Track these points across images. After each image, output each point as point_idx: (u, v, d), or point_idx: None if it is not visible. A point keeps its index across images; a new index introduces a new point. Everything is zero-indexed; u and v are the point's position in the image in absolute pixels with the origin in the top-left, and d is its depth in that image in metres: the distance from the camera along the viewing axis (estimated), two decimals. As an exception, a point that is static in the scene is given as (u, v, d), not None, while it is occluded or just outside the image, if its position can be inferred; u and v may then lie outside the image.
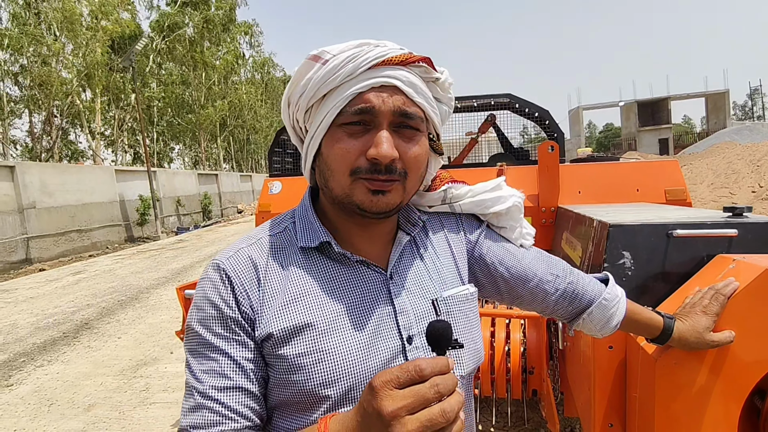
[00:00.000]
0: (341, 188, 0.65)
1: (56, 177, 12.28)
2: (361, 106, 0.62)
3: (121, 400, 3.45)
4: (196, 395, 0.61)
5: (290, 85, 0.68)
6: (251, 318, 0.64)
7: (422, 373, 0.47)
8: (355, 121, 0.63)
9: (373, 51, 0.63)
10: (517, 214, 0.85)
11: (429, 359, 0.48)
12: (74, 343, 4.83)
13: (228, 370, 0.62)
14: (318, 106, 0.66)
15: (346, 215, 0.70)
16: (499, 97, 2.85)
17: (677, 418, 0.94)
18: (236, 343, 0.63)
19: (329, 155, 0.65)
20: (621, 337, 1.12)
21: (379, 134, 0.62)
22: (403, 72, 0.64)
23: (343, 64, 0.63)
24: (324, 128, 0.65)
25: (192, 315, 0.66)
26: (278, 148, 2.98)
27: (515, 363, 1.99)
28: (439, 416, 0.46)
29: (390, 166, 0.63)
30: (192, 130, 29.82)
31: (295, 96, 0.68)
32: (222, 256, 0.68)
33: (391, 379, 0.47)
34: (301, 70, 0.66)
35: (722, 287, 0.92)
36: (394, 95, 0.64)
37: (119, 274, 8.82)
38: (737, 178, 12.32)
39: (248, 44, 35.28)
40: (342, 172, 0.64)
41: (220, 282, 0.65)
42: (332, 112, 0.64)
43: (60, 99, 20.04)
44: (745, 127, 30.85)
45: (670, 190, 2.18)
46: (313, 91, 0.65)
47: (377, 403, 0.47)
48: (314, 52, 0.65)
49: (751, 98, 57.89)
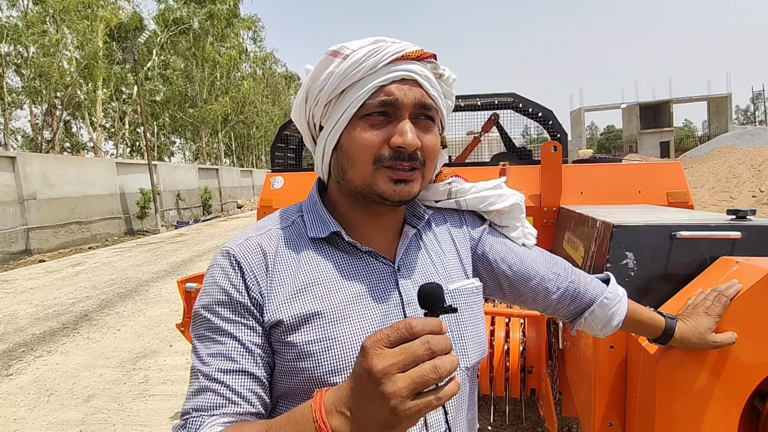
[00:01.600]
0: (362, 178, 0.67)
1: (57, 168, 12.28)
2: (384, 98, 0.64)
3: (120, 392, 3.46)
4: (201, 378, 0.62)
5: (309, 80, 0.69)
6: (260, 304, 0.65)
7: (412, 331, 0.46)
8: (378, 112, 0.65)
9: (392, 47, 0.65)
10: (518, 213, 0.87)
11: (420, 318, 0.48)
12: (74, 335, 4.84)
13: (235, 353, 0.63)
14: (338, 100, 0.67)
15: (359, 206, 0.72)
16: (503, 96, 2.84)
17: (677, 418, 0.95)
18: (245, 327, 0.64)
19: (351, 146, 0.66)
20: (622, 337, 1.13)
21: (402, 124, 0.65)
22: (419, 66, 0.67)
23: (364, 58, 0.64)
24: (345, 121, 0.66)
25: (201, 300, 0.67)
26: (281, 144, 2.97)
27: (514, 362, 2.00)
28: (430, 372, 0.45)
29: (413, 155, 0.66)
30: (193, 125, 29.77)
31: (314, 90, 0.68)
32: (232, 243, 0.69)
33: (381, 338, 0.47)
34: (321, 66, 0.67)
35: (725, 289, 0.92)
36: (414, 88, 0.66)
37: (119, 266, 8.83)
38: (738, 183, 12.32)
39: (251, 39, 35.26)
40: (365, 162, 0.66)
41: (230, 268, 0.66)
42: (354, 105, 0.65)
43: (61, 90, 20.00)
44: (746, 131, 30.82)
45: (672, 193, 2.18)
46: (334, 85, 0.65)
47: (368, 362, 0.46)
48: (333, 48, 0.66)
49: (754, 102, 57.83)
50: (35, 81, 19.66)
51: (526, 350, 2.02)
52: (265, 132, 38.36)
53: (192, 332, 0.67)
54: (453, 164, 3.06)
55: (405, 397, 0.45)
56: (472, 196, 0.84)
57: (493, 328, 2.07)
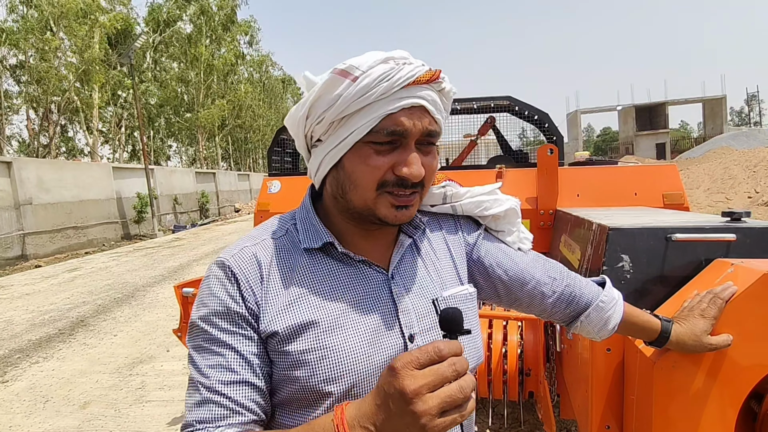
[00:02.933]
0: (364, 201, 0.67)
1: (53, 173, 12.23)
2: (394, 128, 0.63)
3: (117, 398, 3.44)
4: (203, 390, 0.62)
5: (313, 98, 0.65)
6: (256, 314, 0.65)
7: (441, 354, 0.50)
8: (386, 141, 0.64)
9: (404, 70, 0.63)
10: (514, 218, 0.87)
11: (445, 341, 0.51)
12: (70, 340, 4.81)
13: (235, 364, 0.63)
14: (344, 122, 0.65)
15: (353, 221, 0.72)
16: (499, 100, 2.85)
17: (674, 420, 0.95)
18: (243, 337, 0.64)
19: (355, 170, 0.66)
20: (619, 339, 1.13)
21: (411, 155, 0.65)
22: (428, 92, 0.66)
23: (375, 83, 0.62)
24: (349, 144, 0.65)
25: (198, 311, 0.67)
26: (278, 148, 2.98)
27: (512, 365, 2.00)
28: (458, 392, 0.49)
29: (416, 183, 0.66)
30: (190, 129, 29.72)
31: (318, 109, 0.65)
32: (226, 254, 0.69)
33: (411, 360, 0.50)
34: (329, 85, 0.64)
35: (720, 291, 0.93)
36: (422, 117, 0.65)
37: (115, 271, 8.79)
38: (733, 184, 12.39)
39: (248, 44, 35.26)
40: (368, 187, 0.66)
41: (226, 278, 0.66)
42: (361, 131, 0.64)
43: (58, 95, 19.96)
44: (741, 133, 31.02)
45: (668, 195, 2.19)
46: (342, 108, 0.63)
47: (399, 383, 0.49)
48: (342, 67, 0.63)
49: (748, 104, 58.19)
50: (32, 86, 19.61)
51: (523, 353, 2.02)
52: (263, 135, 38.33)
53: (189, 343, 0.67)
54: (450, 167, 3.06)
55: (434, 415, 0.48)
56: (468, 201, 0.85)
57: (491, 331, 2.07)
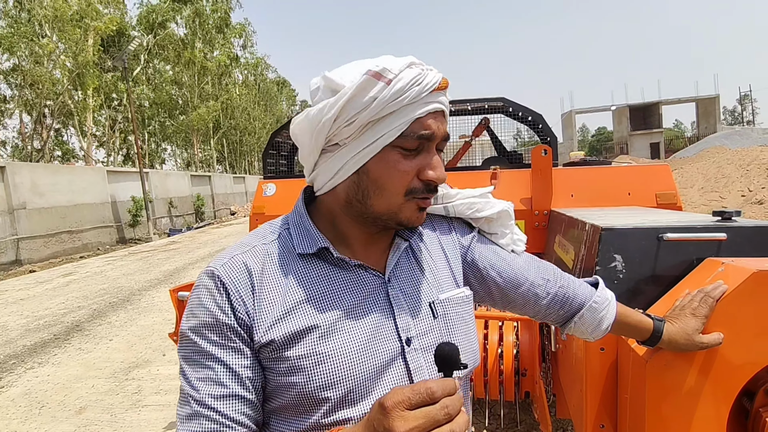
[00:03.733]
0: (389, 206, 0.68)
1: (47, 177, 12.17)
2: (423, 132, 0.65)
3: (113, 403, 3.43)
4: (193, 403, 0.61)
5: (345, 100, 0.63)
6: (248, 324, 0.64)
7: (433, 396, 0.49)
8: (414, 145, 0.66)
9: (429, 75, 0.65)
10: (507, 220, 0.88)
11: (438, 381, 0.50)
12: (65, 345, 4.79)
13: (224, 378, 0.62)
14: (373, 125, 0.64)
15: (360, 224, 0.72)
16: (493, 101, 2.86)
17: (667, 418, 0.96)
18: (232, 350, 0.63)
19: (382, 175, 0.66)
20: (612, 339, 1.14)
21: (435, 158, 0.68)
22: (444, 98, 0.68)
23: (408, 86, 0.63)
24: (378, 148, 0.65)
25: (186, 322, 0.66)
26: (273, 150, 2.97)
27: (508, 365, 2.01)
28: None
29: (437, 186, 0.69)
30: (184, 131, 29.61)
31: (351, 111, 0.63)
32: (216, 263, 0.67)
33: (402, 400, 0.49)
34: (363, 87, 0.62)
35: (711, 290, 0.94)
36: (443, 121, 0.68)
37: (110, 275, 8.75)
38: (727, 183, 12.47)
39: (241, 47, 35.22)
40: (397, 192, 0.67)
41: (215, 289, 0.65)
42: (392, 134, 0.64)
43: (51, 99, 19.86)
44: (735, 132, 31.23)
45: (661, 194, 2.20)
46: (377, 110, 0.63)
47: (389, 424, 0.48)
48: (375, 69, 0.63)
49: (741, 103, 58.64)
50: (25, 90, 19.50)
51: (519, 353, 2.03)
52: (258, 138, 38.26)
53: (179, 353, 0.66)
54: (445, 168, 3.07)
55: None
56: (459, 202, 0.85)
57: (487, 331, 2.08)
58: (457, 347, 0.55)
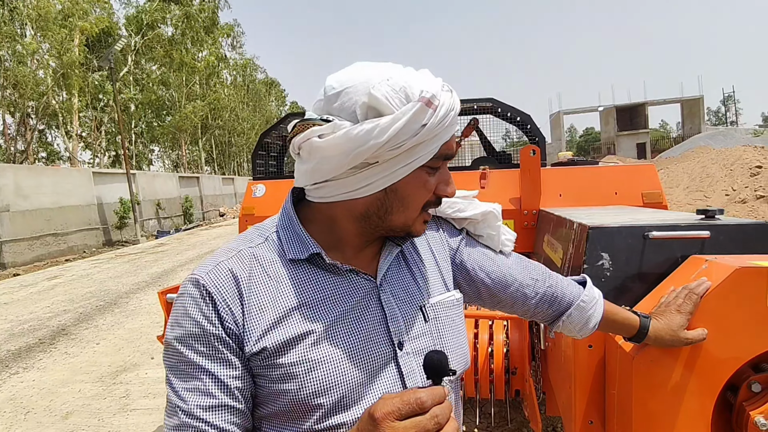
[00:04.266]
0: (406, 220, 0.70)
1: (31, 179, 11.96)
2: (448, 152, 0.68)
3: (101, 407, 3.38)
4: (181, 414, 0.60)
5: (401, 126, 0.61)
6: (237, 334, 0.63)
7: (423, 406, 0.49)
8: (439, 165, 0.68)
9: (453, 99, 0.66)
10: (493, 222, 0.88)
11: (427, 390, 0.50)
12: (51, 350, 4.71)
13: (213, 388, 0.61)
14: (414, 147, 0.64)
15: (365, 235, 0.72)
16: (481, 102, 2.89)
17: (654, 413, 0.97)
18: (220, 361, 0.62)
19: (410, 192, 0.68)
20: (600, 336, 1.15)
21: (449, 175, 0.71)
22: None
23: (447, 112, 0.64)
24: (413, 168, 0.65)
25: (172, 331, 0.64)
26: (262, 151, 2.96)
27: (498, 364, 2.02)
28: None
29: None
30: (172, 132, 29.31)
31: (402, 137, 0.62)
32: (201, 271, 0.65)
33: (392, 410, 0.49)
34: (418, 114, 0.61)
35: (695, 287, 0.96)
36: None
37: (97, 278, 8.63)
38: (711, 182, 12.69)
39: (230, 46, 34.99)
40: (417, 207, 0.69)
41: (201, 298, 0.63)
42: (427, 156, 0.65)
43: (35, 99, 19.52)
44: (718, 132, 31.82)
45: (647, 194, 2.23)
46: (426, 136, 0.63)
47: None
48: (427, 97, 0.62)
49: (725, 104, 59.69)
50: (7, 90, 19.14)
51: (509, 352, 2.04)
52: (247, 139, 38.02)
53: (165, 362, 0.65)
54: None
55: None
56: None
57: (477, 331, 2.09)
58: (446, 355, 0.55)
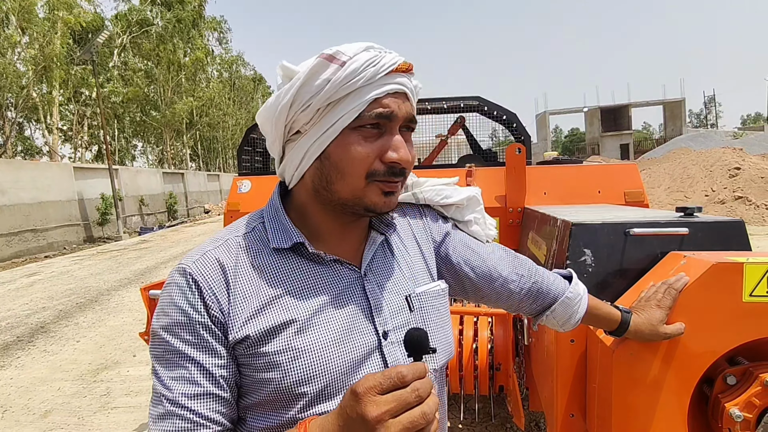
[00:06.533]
0: (352, 191, 0.66)
1: (9, 174, 11.67)
2: (381, 110, 0.64)
3: (81, 406, 3.32)
4: (166, 403, 0.60)
5: (299, 84, 0.64)
6: (222, 322, 0.63)
7: (404, 380, 0.50)
8: (371, 124, 0.64)
9: (387, 57, 0.65)
10: (476, 206, 0.90)
11: (409, 366, 0.51)
12: (29, 348, 4.61)
13: (198, 376, 0.61)
14: (331, 108, 0.64)
15: (331, 214, 0.71)
16: (468, 100, 2.90)
17: (633, 405, 0.99)
18: (206, 349, 0.62)
19: (342, 158, 0.65)
20: (582, 331, 1.17)
21: (397, 139, 0.66)
22: (407, 79, 0.67)
23: (363, 68, 0.62)
24: (337, 131, 0.64)
25: (158, 320, 0.64)
26: (248, 147, 2.94)
27: (483, 360, 2.04)
28: (420, 418, 0.49)
29: (403, 168, 0.67)
30: (157, 128, 28.88)
31: (305, 95, 0.64)
32: (188, 260, 0.66)
33: (374, 385, 0.49)
34: (316, 70, 0.63)
35: (674, 282, 0.98)
36: (405, 101, 0.67)
37: (78, 275, 8.47)
38: (692, 183, 12.95)
39: (217, 41, 34.58)
40: (357, 175, 0.65)
41: (187, 287, 0.63)
42: (350, 116, 0.63)
43: (14, 92, 19.03)
44: (699, 134, 32.49)
45: (629, 192, 2.28)
46: (330, 93, 0.63)
47: (361, 409, 0.49)
48: (329, 52, 0.63)
49: (706, 106, 60.92)
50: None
51: (494, 348, 2.06)
52: (232, 135, 37.62)
53: (151, 352, 0.65)
54: (421, 166, 3.09)
55: None
56: (429, 188, 0.87)
57: (462, 327, 2.11)
58: (426, 332, 0.56)
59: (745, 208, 10.56)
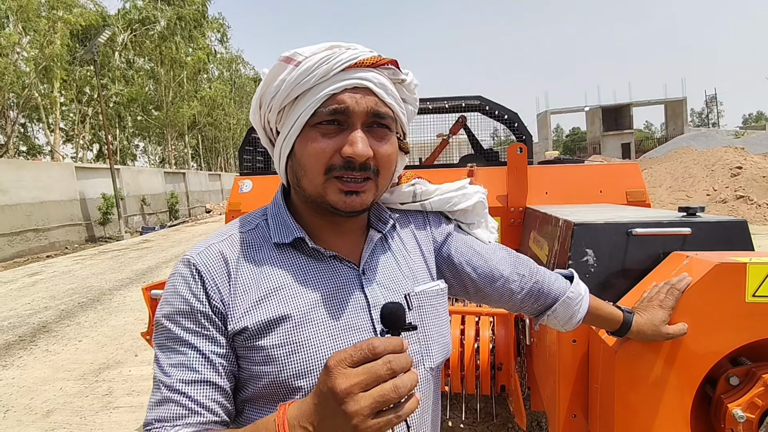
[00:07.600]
0: (314, 187, 0.67)
1: (11, 173, 11.69)
2: (335, 106, 0.64)
3: (83, 405, 3.33)
4: (163, 389, 0.61)
5: (262, 87, 0.68)
6: (222, 312, 0.65)
7: (375, 351, 0.48)
8: (329, 120, 0.65)
9: (345, 53, 0.65)
10: (481, 210, 0.91)
11: (382, 338, 0.50)
12: (31, 347, 4.62)
13: (196, 363, 0.62)
14: (291, 108, 0.67)
15: (318, 213, 0.72)
16: (469, 99, 2.90)
17: (635, 406, 0.99)
18: (206, 338, 0.64)
19: (303, 155, 0.66)
20: (584, 331, 1.17)
21: (353, 133, 0.65)
22: (374, 74, 0.66)
23: (316, 66, 0.64)
24: (297, 129, 0.66)
25: (162, 310, 0.66)
26: (249, 147, 2.94)
27: (484, 359, 2.03)
28: (391, 392, 0.47)
29: (364, 164, 0.66)
30: (158, 128, 28.90)
31: (267, 97, 0.68)
32: (193, 251, 0.68)
33: (344, 357, 0.49)
34: (274, 72, 0.67)
35: (677, 282, 0.97)
36: (367, 96, 0.66)
37: (79, 275, 8.48)
38: (693, 182, 12.93)
39: (218, 41, 34.60)
40: (316, 171, 0.66)
41: (191, 277, 0.65)
42: (306, 113, 0.65)
43: (16, 92, 19.06)
44: (700, 133, 32.43)
45: (630, 192, 2.27)
46: (286, 93, 0.65)
47: (331, 382, 0.48)
48: (286, 54, 0.66)
49: (708, 105, 60.80)
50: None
51: (495, 348, 2.06)
52: (233, 135, 37.66)
53: (154, 341, 0.66)
54: (422, 166, 3.09)
55: (366, 416, 0.47)
56: (437, 198, 0.86)
57: (464, 327, 2.10)
58: (403, 306, 0.55)
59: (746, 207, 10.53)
